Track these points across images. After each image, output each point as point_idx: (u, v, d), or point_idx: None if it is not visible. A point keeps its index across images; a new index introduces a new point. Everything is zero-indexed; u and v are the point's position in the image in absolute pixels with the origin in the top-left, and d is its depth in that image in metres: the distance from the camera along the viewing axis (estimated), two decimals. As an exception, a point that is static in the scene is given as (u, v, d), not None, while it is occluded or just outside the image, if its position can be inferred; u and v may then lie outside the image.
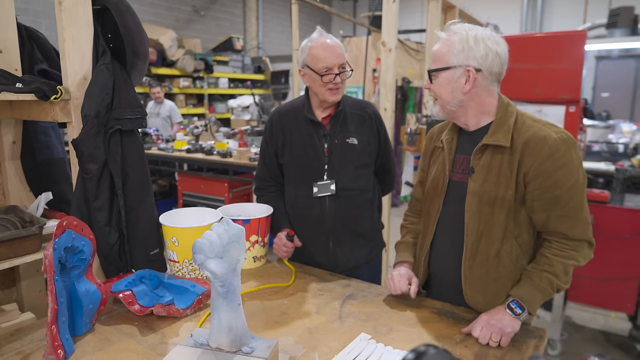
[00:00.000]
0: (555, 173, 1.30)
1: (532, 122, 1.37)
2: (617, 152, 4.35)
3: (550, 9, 10.71)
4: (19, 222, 1.59)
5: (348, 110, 1.86)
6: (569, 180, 1.31)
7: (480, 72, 1.35)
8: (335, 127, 1.83)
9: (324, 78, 1.73)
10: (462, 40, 1.34)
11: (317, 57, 1.73)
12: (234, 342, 1.08)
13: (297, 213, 1.88)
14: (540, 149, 1.31)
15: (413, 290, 1.51)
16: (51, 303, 1.18)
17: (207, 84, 9.02)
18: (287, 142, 1.88)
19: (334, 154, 1.82)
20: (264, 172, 1.98)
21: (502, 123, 1.38)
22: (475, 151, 1.41)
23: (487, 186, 1.38)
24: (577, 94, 2.63)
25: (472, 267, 1.42)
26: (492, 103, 1.42)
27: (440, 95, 1.41)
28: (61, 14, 1.50)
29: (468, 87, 1.37)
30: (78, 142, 1.53)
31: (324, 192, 1.81)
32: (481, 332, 1.30)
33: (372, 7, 5.03)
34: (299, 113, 1.86)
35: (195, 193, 4.71)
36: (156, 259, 1.75)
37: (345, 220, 1.84)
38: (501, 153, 1.36)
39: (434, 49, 1.42)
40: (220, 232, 1.05)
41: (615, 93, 9.05)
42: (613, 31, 5.80)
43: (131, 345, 1.28)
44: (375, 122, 1.88)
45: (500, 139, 1.35)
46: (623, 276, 3.18)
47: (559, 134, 1.31)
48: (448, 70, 1.37)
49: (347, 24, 13.25)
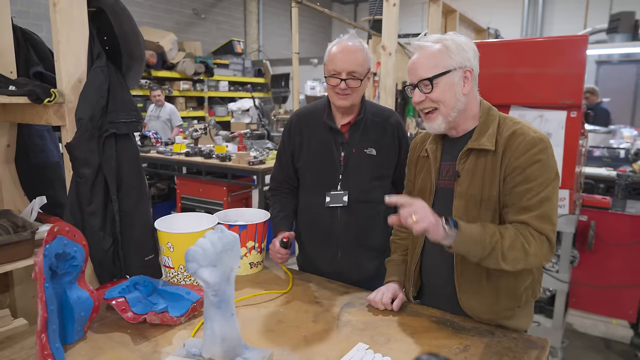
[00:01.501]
0: (528, 168, 1.31)
1: (513, 123, 1.39)
2: (618, 157, 4.33)
3: (551, 13, 10.72)
4: (11, 227, 1.56)
5: (369, 118, 1.79)
6: (540, 176, 1.31)
7: (472, 73, 1.39)
8: (354, 135, 1.77)
9: (328, 80, 1.69)
10: (454, 43, 1.36)
11: (330, 59, 1.69)
12: (227, 353, 1.05)
13: (307, 220, 1.84)
14: (517, 146, 1.33)
15: (396, 304, 1.51)
16: (41, 311, 1.15)
17: (208, 86, 9.02)
18: (303, 145, 1.83)
19: (350, 164, 1.76)
20: (279, 174, 1.93)
21: (486, 127, 1.40)
22: (460, 156, 1.41)
23: (473, 189, 1.38)
24: (579, 99, 2.61)
25: (464, 272, 1.42)
26: (476, 106, 1.44)
27: (444, 101, 1.38)
28: (56, 15, 1.48)
29: (468, 88, 1.38)
30: (72, 146, 1.51)
31: (336, 202, 1.76)
32: (408, 209, 1.27)
33: (372, 11, 5.02)
34: (319, 118, 1.81)
35: (194, 197, 4.69)
36: (151, 264, 1.72)
37: (356, 232, 1.79)
38: (485, 156, 1.38)
39: (418, 59, 1.39)
40: (214, 240, 1.02)
41: (616, 98, 9.03)
42: (614, 36, 5.80)
43: (123, 354, 1.25)
44: (398, 132, 1.81)
45: (485, 142, 1.37)
46: (625, 283, 3.15)
47: (536, 134, 1.34)
48: (449, 74, 1.36)
49: (348, 28, 13.25)
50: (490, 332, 1.38)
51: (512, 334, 1.37)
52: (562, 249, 2.94)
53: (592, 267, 3.24)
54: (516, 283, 1.41)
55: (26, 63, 1.87)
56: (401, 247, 1.69)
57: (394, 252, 1.71)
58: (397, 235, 1.72)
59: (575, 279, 3.24)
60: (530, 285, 1.44)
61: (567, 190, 2.74)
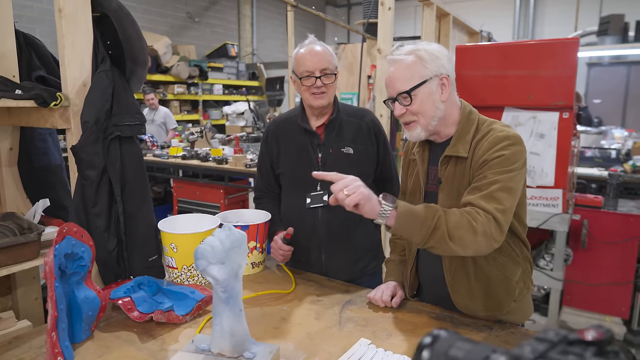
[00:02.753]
0: (490, 161, 1.31)
1: (487, 125, 1.39)
2: (609, 157, 4.41)
3: (542, 16, 10.84)
4: (17, 229, 1.58)
5: (344, 119, 1.83)
6: (499, 166, 1.29)
7: (448, 78, 1.39)
8: (330, 136, 1.81)
9: (303, 81, 1.73)
10: (427, 52, 1.36)
11: (299, 62, 1.74)
12: (235, 348, 1.08)
13: (290, 224, 1.85)
14: (484, 143, 1.34)
15: (395, 301, 1.54)
16: (51, 310, 1.18)
17: (202, 90, 9.03)
18: (281, 152, 1.87)
19: (328, 164, 1.79)
20: (261, 184, 1.98)
21: (463, 133, 1.40)
22: (441, 162, 1.43)
23: (453, 195, 1.40)
24: (571, 100, 2.67)
25: (454, 274, 1.45)
26: (456, 112, 1.44)
27: (424, 112, 1.38)
28: (61, 21, 1.51)
29: (446, 95, 1.38)
30: (77, 149, 1.53)
31: (317, 203, 1.79)
32: (338, 184, 1.25)
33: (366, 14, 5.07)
34: (294, 122, 1.85)
35: (191, 199, 4.70)
36: (154, 265, 1.74)
37: (338, 232, 1.82)
38: (462, 163, 1.39)
39: (394, 73, 1.39)
40: (222, 238, 1.06)
41: (607, 99, 9.16)
42: (604, 38, 5.89)
43: (131, 352, 1.28)
44: (374, 130, 1.85)
45: (459, 149, 1.38)
46: (617, 281, 3.21)
47: (504, 132, 1.34)
48: (425, 84, 1.36)
49: (342, 31, 13.33)
50: (488, 327, 1.42)
51: (509, 328, 1.41)
52: (556, 248, 3.00)
53: (586, 265, 3.29)
54: (506, 278, 1.43)
55: (28, 67, 1.89)
56: (399, 246, 1.72)
57: (393, 252, 1.74)
58: (396, 235, 1.75)
59: (569, 277, 3.30)
60: (522, 278, 1.47)
61: (560, 190, 2.79)
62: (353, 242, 1.85)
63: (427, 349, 0.50)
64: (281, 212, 1.93)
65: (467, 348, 0.48)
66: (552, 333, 0.43)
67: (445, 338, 0.50)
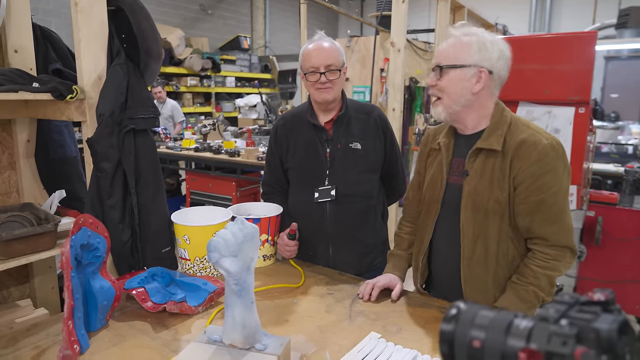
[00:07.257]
0: (542, 177, 1.33)
1: (525, 127, 1.40)
2: (626, 153, 4.33)
3: (559, 9, 10.65)
4: (35, 219, 1.62)
5: (352, 114, 1.84)
6: (553, 185, 1.34)
7: (491, 75, 1.38)
8: (338, 131, 1.81)
9: (308, 77, 1.74)
10: (479, 42, 1.37)
11: (306, 57, 1.75)
12: (247, 339, 1.10)
13: (298, 218, 1.87)
14: (530, 153, 1.34)
15: (395, 293, 1.56)
16: (68, 299, 1.20)
17: (215, 82, 9.06)
18: (290, 147, 1.88)
19: (336, 159, 1.81)
20: (270, 178, 2.00)
21: (496, 128, 1.41)
22: (470, 154, 1.43)
23: (481, 189, 1.40)
24: (587, 95, 2.62)
25: (471, 267, 1.45)
26: (491, 107, 1.44)
27: (449, 92, 1.40)
28: (77, 14, 1.53)
29: (478, 88, 1.38)
30: (93, 141, 1.55)
31: (325, 197, 1.80)
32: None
33: (380, 7, 5.03)
34: (303, 118, 1.86)
35: (203, 192, 4.74)
36: (167, 256, 1.77)
37: (346, 227, 1.83)
38: (494, 157, 1.39)
39: (445, 46, 1.42)
40: (234, 231, 1.07)
41: (625, 94, 8.97)
42: (623, 31, 5.76)
43: (145, 341, 1.30)
44: (381, 125, 1.85)
45: (492, 142, 1.38)
46: (632, 278, 3.17)
47: (549, 141, 1.35)
48: (462, 69, 1.37)
49: (355, 24, 13.25)
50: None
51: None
52: (569, 244, 2.96)
53: (599, 262, 3.26)
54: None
55: (45, 60, 1.92)
56: (405, 241, 1.72)
57: (397, 246, 1.74)
58: (402, 230, 1.75)
59: (582, 274, 3.27)
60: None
61: (575, 186, 2.76)
62: (360, 237, 1.86)
63: (452, 321, 0.55)
64: (289, 207, 1.94)
65: (491, 316, 0.54)
66: (567, 297, 0.52)
67: (467, 309, 0.55)
